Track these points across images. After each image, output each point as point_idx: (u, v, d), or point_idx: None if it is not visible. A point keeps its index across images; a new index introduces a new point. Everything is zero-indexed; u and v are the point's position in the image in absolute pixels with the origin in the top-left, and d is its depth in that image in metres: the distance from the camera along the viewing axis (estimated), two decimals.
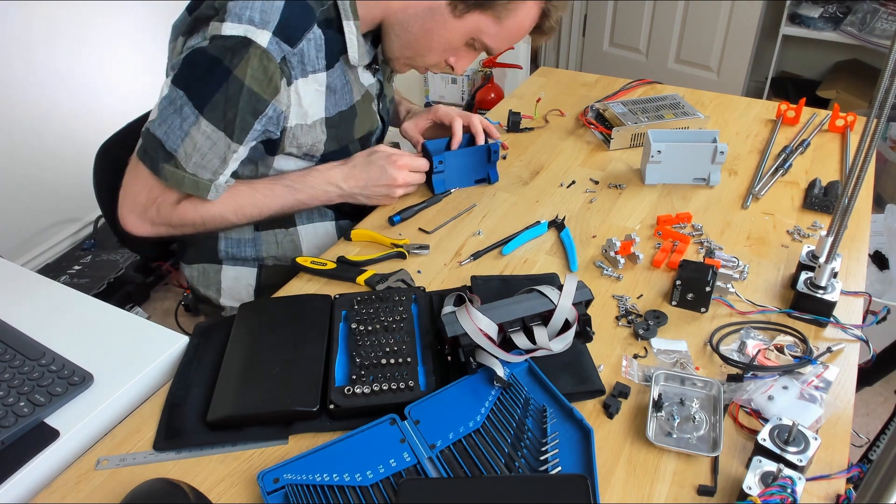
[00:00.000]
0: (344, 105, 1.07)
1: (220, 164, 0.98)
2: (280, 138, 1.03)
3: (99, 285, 2.20)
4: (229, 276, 1.20)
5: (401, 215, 1.14)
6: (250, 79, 0.92)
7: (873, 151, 0.79)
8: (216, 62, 0.92)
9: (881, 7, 2.72)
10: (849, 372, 0.83)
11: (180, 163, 0.97)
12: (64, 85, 2.35)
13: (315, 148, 1.08)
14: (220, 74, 0.92)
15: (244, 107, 0.94)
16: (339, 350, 0.85)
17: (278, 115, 0.99)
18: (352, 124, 1.10)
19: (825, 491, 0.70)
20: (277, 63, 0.93)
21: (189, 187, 0.99)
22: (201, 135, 0.95)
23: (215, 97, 0.93)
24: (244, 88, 0.93)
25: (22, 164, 2.28)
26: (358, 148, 1.15)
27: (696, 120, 1.36)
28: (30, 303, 0.96)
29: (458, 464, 0.71)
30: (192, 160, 0.97)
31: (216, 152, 0.97)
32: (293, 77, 0.97)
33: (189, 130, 0.95)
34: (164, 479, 0.69)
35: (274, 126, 1.00)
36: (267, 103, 0.96)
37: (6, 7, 2.12)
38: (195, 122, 0.94)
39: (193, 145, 0.95)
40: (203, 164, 0.97)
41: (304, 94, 1.00)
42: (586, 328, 0.83)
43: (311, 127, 1.04)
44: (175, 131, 0.95)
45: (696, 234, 1.09)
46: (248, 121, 0.96)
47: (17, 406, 0.78)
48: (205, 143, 0.96)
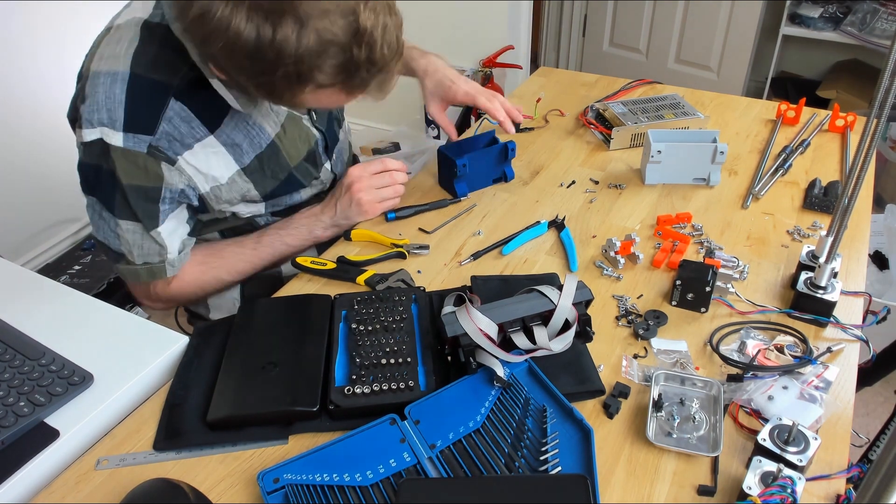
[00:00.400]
0: (258, 148, 1.01)
1: (158, 246, 0.99)
2: (202, 203, 1.01)
3: (99, 285, 2.20)
4: None
5: (396, 213, 1.14)
6: (127, 177, 0.91)
7: (873, 151, 0.79)
8: (97, 169, 0.92)
9: (881, 7, 2.72)
10: (849, 372, 0.83)
11: (129, 258, 0.99)
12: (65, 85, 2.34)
13: (249, 196, 1.04)
14: (107, 178, 0.92)
15: (138, 201, 0.94)
16: (339, 350, 0.85)
17: (179, 192, 0.96)
18: (279, 157, 1.04)
19: (825, 491, 0.70)
20: (145, 154, 0.90)
21: (146, 276, 1.01)
22: (126, 232, 0.96)
23: (116, 199, 0.93)
24: (127, 188, 0.92)
25: (22, 164, 2.27)
26: (303, 169, 1.09)
27: (696, 120, 1.36)
28: (30, 303, 0.96)
29: (458, 464, 0.71)
30: (135, 253, 0.98)
31: (146, 239, 0.98)
32: (173, 156, 0.92)
33: (116, 231, 0.97)
34: (164, 479, 0.69)
35: (185, 198, 0.98)
36: (158, 189, 0.94)
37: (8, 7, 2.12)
38: (116, 224, 0.96)
39: (127, 242, 0.97)
40: (145, 252, 0.99)
41: (199, 164, 0.95)
42: (586, 328, 0.83)
43: (229, 184, 1.00)
44: (109, 235, 0.97)
45: (696, 234, 1.09)
46: (150, 209, 0.95)
47: (17, 406, 0.78)
48: (134, 237, 0.97)
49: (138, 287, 1.06)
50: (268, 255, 1.10)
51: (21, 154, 2.27)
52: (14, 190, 2.27)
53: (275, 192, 1.08)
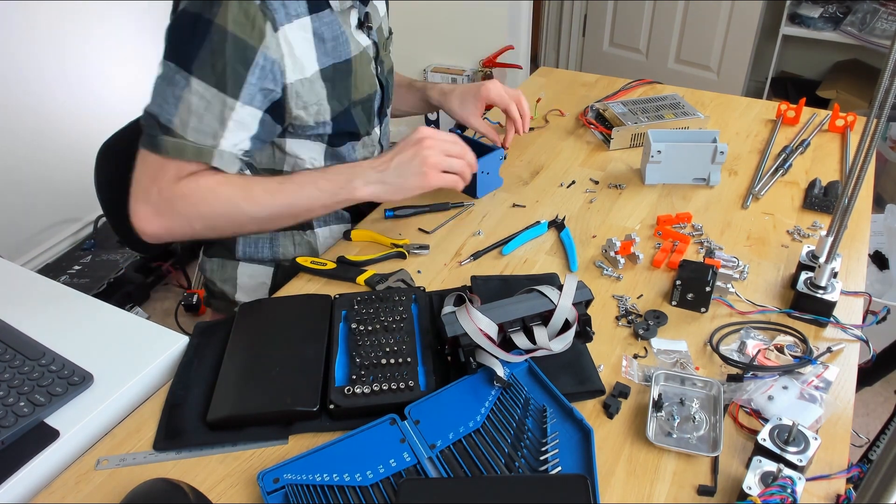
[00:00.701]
0: (338, 57, 1.00)
1: (220, 125, 0.91)
2: (283, 98, 0.96)
3: (99, 285, 2.20)
4: (245, 273, 1.18)
5: (395, 212, 1.14)
6: (232, 24, 0.87)
7: (873, 151, 0.79)
8: (196, 18, 0.87)
9: (881, 7, 2.72)
10: (849, 372, 0.83)
11: (177, 131, 0.90)
12: (65, 85, 2.35)
13: (322, 109, 1.01)
14: (202, 27, 0.87)
15: (232, 55, 0.88)
16: (339, 350, 0.85)
17: (272, 64, 0.92)
18: (349, 82, 1.03)
19: (825, 491, 0.70)
20: (257, 4, 0.88)
21: (191, 154, 0.91)
22: (195, 95, 0.89)
23: (201, 52, 0.87)
24: (228, 35, 0.87)
25: (22, 164, 2.28)
26: (360, 114, 1.08)
27: (696, 120, 1.36)
28: (30, 303, 0.96)
29: (458, 464, 0.71)
30: (190, 125, 0.90)
31: (213, 112, 0.90)
32: (278, 22, 0.90)
33: (181, 95, 0.89)
34: (164, 479, 0.69)
35: (271, 81, 0.93)
36: (255, 50, 0.89)
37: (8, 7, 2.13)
38: (186, 85, 0.88)
39: (188, 109, 0.89)
40: (201, 128, 0.90)
41: (294, 43, 0.93)
42: (586, 328, 0.83)
43: (311, 81, 0.97)
44: (168, 101, 0.89)
45: (696, 234, 1.09)
46: (239, 72, 0.89)
47: (17, 406, 0.78)
48: (199, 104, 0.89)
49: (146, 174, 0.93)
50: (292, 195, 0.98)
51: (21, 154, 2.27)
52: (14, 190, 2.27)
53: (338, 121, 1.04)
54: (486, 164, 1.17)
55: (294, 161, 1.08)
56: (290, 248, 1.17)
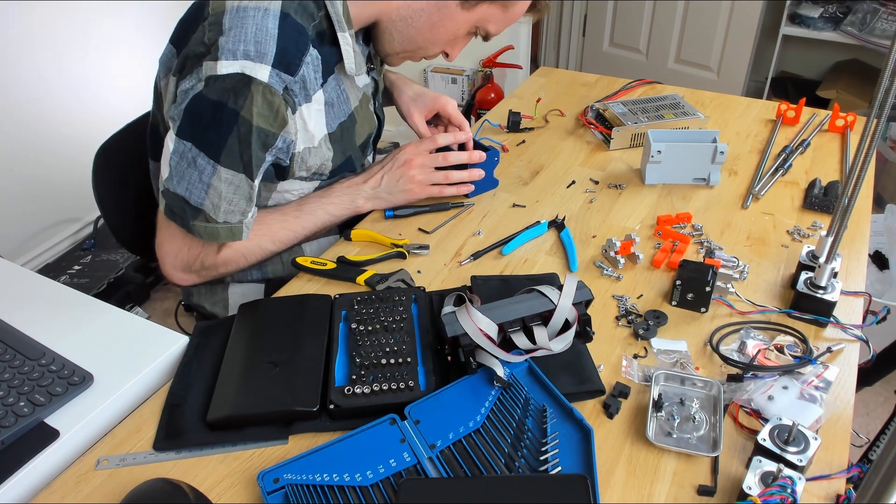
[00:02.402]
0: (343, 115, 1.05)
1: (247, 204, 0.96)
2: (290, 164, 1.01)
3: (99, 285, 2.20)
4: (237, 293, 1.18)
5: (395, 212, 1.14)
6: (258, 117, 0.89)
7: (873, 151, 0.79)
8: (220, 106, 0.87)
9: (881, 7, 2.72)
10: (849, 372, 0.83)
11: (210, 216, 0.94)
12: (64, 85, 2.35)
13: (324, 167, 1.06)
14: (228, 119, 0.88)
15: (256, 145, 0.91)
16: (339, 350, 0.85)
17: (287, 144, 0.97)
18: (353, 132, 1.09)
19: (825, 491, 0.70)
20: (281, 95, 0.90)
21: (225, 236, 0.96)
22: (223, 183, 0.92)
23: (228, 143, 0.89)
24: (254, 128, 0.89)
25: (22, 164, 2.28)
26: (358, 153, 1.13)
27: (696, 120, 1.36)
28: (30, 303, 0.96)
29: (458, 464, 0.71)
30: (221, 209, 0.94)
31: (241, 195, 0.94)
32: (297, 104, 0.94)
33: (210, 182, 0.91)
34: (164, 479, 0.69)
35: (283, 154, 0.98)
36: (276, 136, 0.93)
37: (7, 7, 2.12)
38: (214, 173, 0.91)
39: (218, 195, 0.92)
40: (231, 209, 0.95)
41: (308, 118, 0.98)
42: (586, 328, 0.83)
43: (317, 148, 1.02)
44: (196, 186, 0.92)
45: (696, 234, 1.09)
46: (260, 157, 0.93)
47: (17, 406, 0.78)
48: (228, 190, 0.92)
49: (186, 254, 1.01)
50: (310, 224, 1.08)
51: (21, 154, 2.27)
52: (14, 190, 2.27)
53: (338, 169, 1.09)
54: (480, 164, 1.17)
55: (281, 196, 1.10)
56: (279, 266, 1.16)
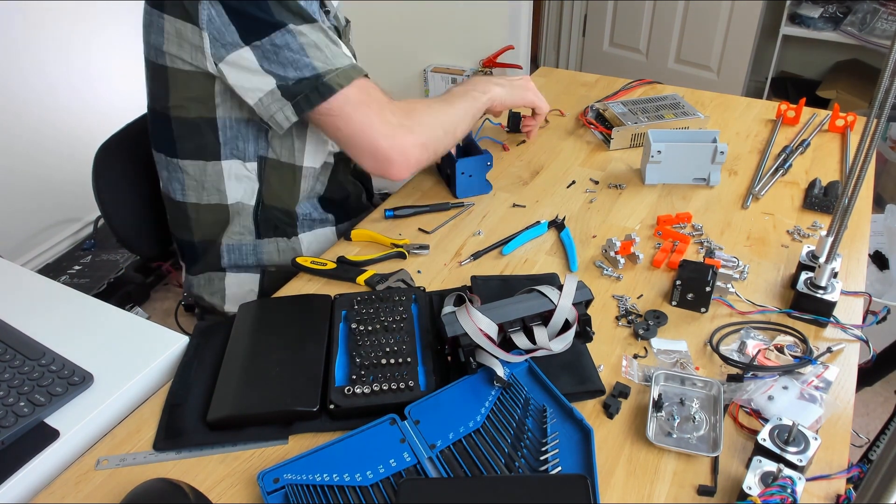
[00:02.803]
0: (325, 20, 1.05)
1: (338, 46, 0.97)
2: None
3: (99, 285, 2.20)
4: (233, 283, 1.19)
5: (395, 212, 1.14)
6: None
7: (873, 151, 0.79)
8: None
9: (881, 7, 2.72)
10: (849, 372, 0.83)
11: (330, 69, 0.94)
12: (65, 85, 2.35)
13: None
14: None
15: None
16: (339, 350, 0.85)
17: None
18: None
19: (825, 491, 0.70)
20: None
21: (357, 73, 0.96)
22: (308, 37, 0.93)
23: (272, 7, 0.91)
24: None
25: (22, 164, 2.28)
26: None
27: (696, 120, 1.36)
28: (30, 303, 0.96)
29: (458, 464, 0.71)
30: (329, 56, 0.94)
31: (328, 40, 0.95)
32: None
33: (300, 44, 0.92)
34: (164, 479, 0.69)
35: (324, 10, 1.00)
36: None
37: (8, 7, 2.13)
38: (294, 35, 0.92)
39: (315, 48, 0.93)
40: (336, 53, 0.95)
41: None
42: (586, 328, 0.83)
43: None
44: (295, 59, 0.93)
45: (696, 234, 1.09)
46: (302, 5, 0.94)
47: (17, 406, 0.78)
48: (318, 39, 0.94)
49: (366, 110, 0.97)
50: (461, 103, 1.10)
51: (21, 154, 2.27)
52: (14, 190, 2.27)
53: None
54: (467, 166, 1.17)
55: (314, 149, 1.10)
56: (275, 254, 1.17)
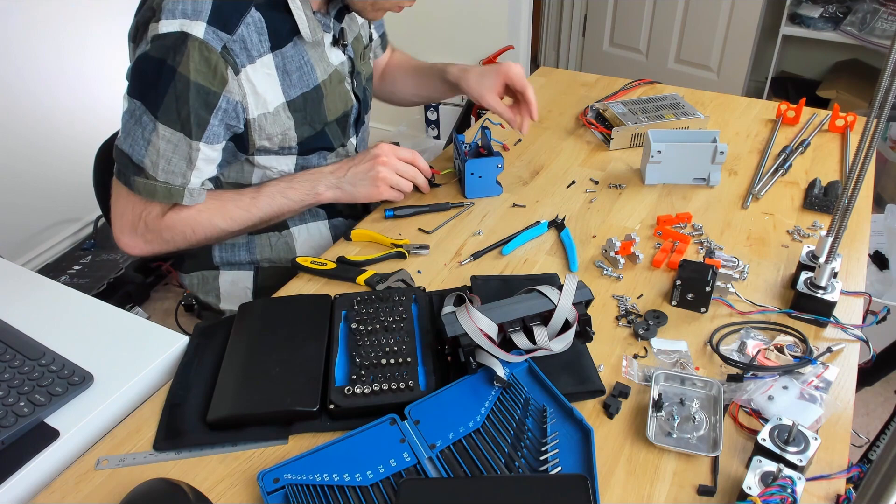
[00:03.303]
0: (306, 86, 1.05)
1: (187, 166, 0.97)
2: (246, 132, 1.01)
3: (99, 285, 2.20)
4: (227, 281, 1.20)
5: (395, 211, 1.14)
6: (195, 73, 0.91)
7: (873, 151, 0.79)
8: (160, 63, 0.91)
9: (881, 7, 2.72)
10: (849, 372, 0.83)
11: (149, 173, 0.96)
12: (64, 85, 2.35)
13: (287, 137, 1.06)
14: (167, 75, 0.91)
15: (195, 102, 0.92)
16: (339, 350, 0.85)
17: (234, 106, 0.96)
18: (320, 106, 1.08)
19: (825, 491, 0.70)
20: (219, 52, 0.92)
21: (162, 196, 0.98)
22: (162, 140, 0.94)
23: (166, 99, 0.92)
24: (191, 84, 0.91)
25: (22, 164, 2.28)
26: (335, 130, 1.13)
27: (696, 120, 1.36)
28: (30, 303, 0.96)
29: (458, 464, 0.71)
30: (160, 167, 0.96)
31: (180, 155, 0.96)
32: (239, 65, 0.94)
33: (150, 138, 0.94)
34: (164, 479, 0.69)
35: (234, 120, 0.98)
36: (218, 95, 0.94)
37: (7, 7, 2.13)
38: (154, 129, 0.93)
39: (157, 152, 0.94)
40: (171, 169, 0.96)
41: (256, 81, 0.98)
42: (586, 328, 0.83)
43: (274, 115, 1.02)
44: (138, 142, 0.94)
45: (696, 234, 1.09)
46: (202, 116, 0.94)
47: (17, 406, 0.78)
48: (167, 148, 0.94)
49: (130, 212, 1.01)
50: (266, 206, 1.07)
51: (21, 154, 2.27)
52: (14, 190, 2.27)
53: (308, 143, 1.09)
54: (477, 167, 1.17)
55: (263, 172, 1.10)
56: (267, 249, 1.18)
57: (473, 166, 1.16)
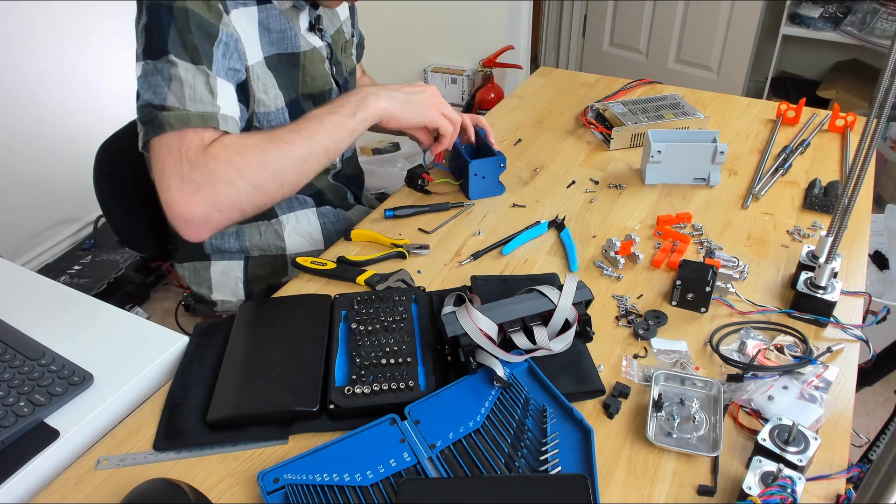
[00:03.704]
0: (284, 48, 1.04)
1: (210, 94, 0.93)
2: (247, 80, 1.00)
3: (99, 285, 2.20)
4: (218, 271, 1.20)
5: (395, 211, 1.14)
6: (191, 3, 0.91)
7: (873, 151, 0.79)
8: (159, 7, 0.91)
9: (881, 7, 2.72)
10: (849, 372, 0.83)
11: (177, 106, 0.91)
12: (64, 85, 2.35)
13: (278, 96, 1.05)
14: (166, 13, 0.90)
15: (196, 31, 0.91)
16: (339, 350, 0.85)
17: (234, 42, 0.96)
18: (296, 74, 1.07)
19: (825, 491, 0.70)
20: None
21: (196, 121, 0.91)
22: (180, 70, 0.91)
23: (171, 34, 0.91)
24: (189, 13, 0.91)
25: (22, 164, 2.28)
26: (310, 104, 1.09)
27: (696, 120, 1.36)
28: (30, 303, 0.96)
29: (458, 464, 0.71)
30: (187, 97, 0.91)
31: (200, 82, 0.92)
32: (228, 6, 0.94)
33: (170, 74, 0.91)
34: (164, 479, 0.69)
35: (237, 61, 0.97)
36: (216, 27, 0.93)
37: (7, 7, 2.13)
38: (171, 66, 0.91)
39: (180, 84, 0.91)
40: (196, 96, 0.92)
41: (241, 27, 0.97)
42: (586, 328, 0.83)
43: (259, 67, 1.01)
44: (159, 85, 0.91)
45: (696, 234, 1.09)
46: (206, 47, 0.92)
47: (17, 406, 0.78)
48: (187, 76, 0.91)
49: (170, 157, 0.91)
50: (317, 128, 0.98)
51: (21, 154, 2.27)
52: (14, 190, 2.27)
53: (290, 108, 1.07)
54: (480, 168, 1.16)
55: None
56: (257, 237, 1.18)
57: (477, 167, 1.16)
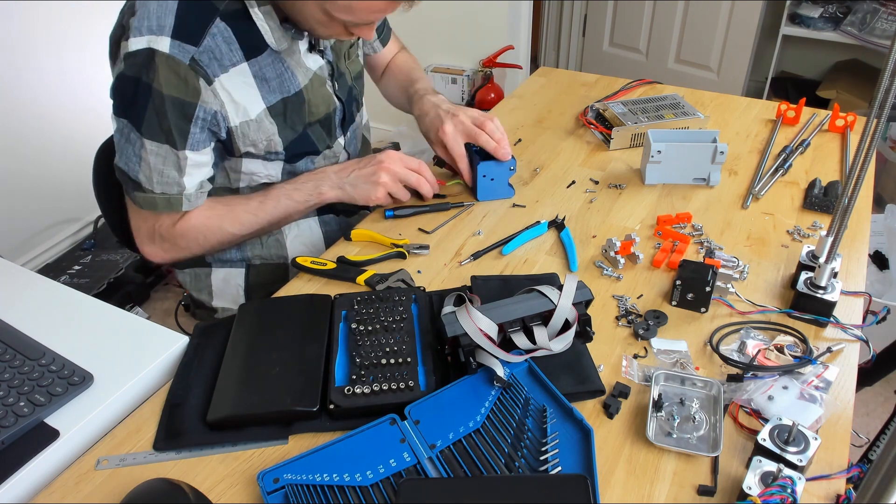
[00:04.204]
0: (286, 92, 1.06)
1: (179, 174, 1.00)
2: (229, 139, 1.03)
3: (99, 285, 2.20)
4: (219, 278, 1.21)
5: (395, 211, 1.14)
6: (167, 87, 0.93)
7: (873, 151, 0.79)
8: (136, 81, 0.93)
9: (881, 7, 2.72)
10: (849, 372, 0.83)
11: (146, 187, 1.00)
12: (64, 85, 2.35)
13: (273, 143, 1.07)
14: (143, 92, 0.94)
15: (173, 115, 0.95)
16: (339, 350, 0.85)
17: (212, 115, 0.98)
18: (302, 110, 1.09)
19: (825, 491, 0.70)
20: (187, 65, 0.93)
21: (163, 206, 1.01)
22: (150, 154, 0.97)
23: (147, 115, 0.95)
24: (166, 98, 0.94)
25: (22, 164, 2.28)
26: (319, 132, 1.14)
27: (696, 120, 1.36)
28: (30, 303, 0.96)
29: (458, 464, 0.71)
30: (154, 180, 0.99)
31: (170, 165, 0.99)
32: (211, 75, 0.96)
33: (140, 154, 0.98)
34: (164, 479, 0.69)
35: (215, 128, 1.00)
36: (193, 106, 0.96)
37: (7, 7, 2.13)
38: (142, 146, 0.97)
39: (149, 167, 0.98)
40: (165, 181, 1.00)
41: (232, 90, 0.99)
42: (586, 328, 0.83)
43: (257, 122, 1.03)
44: (132, 159, 0.98)
45: (696, 234, 1.09)
46: (182, 127, 0.96)
47: (17, 406, 0.78)
48: (157, 161, 0.98)
49: (144, 225, 1.07)
50: (272, 210, 1.09)
51: (21, 154, 2.27)
52: (14, 190, 2.27)
53: (293, 147, 1.10)
54: (489, 170, 1.16)
55: (250, 178, 1.11)
56: (258, 246, 1.19)
57: (486, 169, 1.16)
